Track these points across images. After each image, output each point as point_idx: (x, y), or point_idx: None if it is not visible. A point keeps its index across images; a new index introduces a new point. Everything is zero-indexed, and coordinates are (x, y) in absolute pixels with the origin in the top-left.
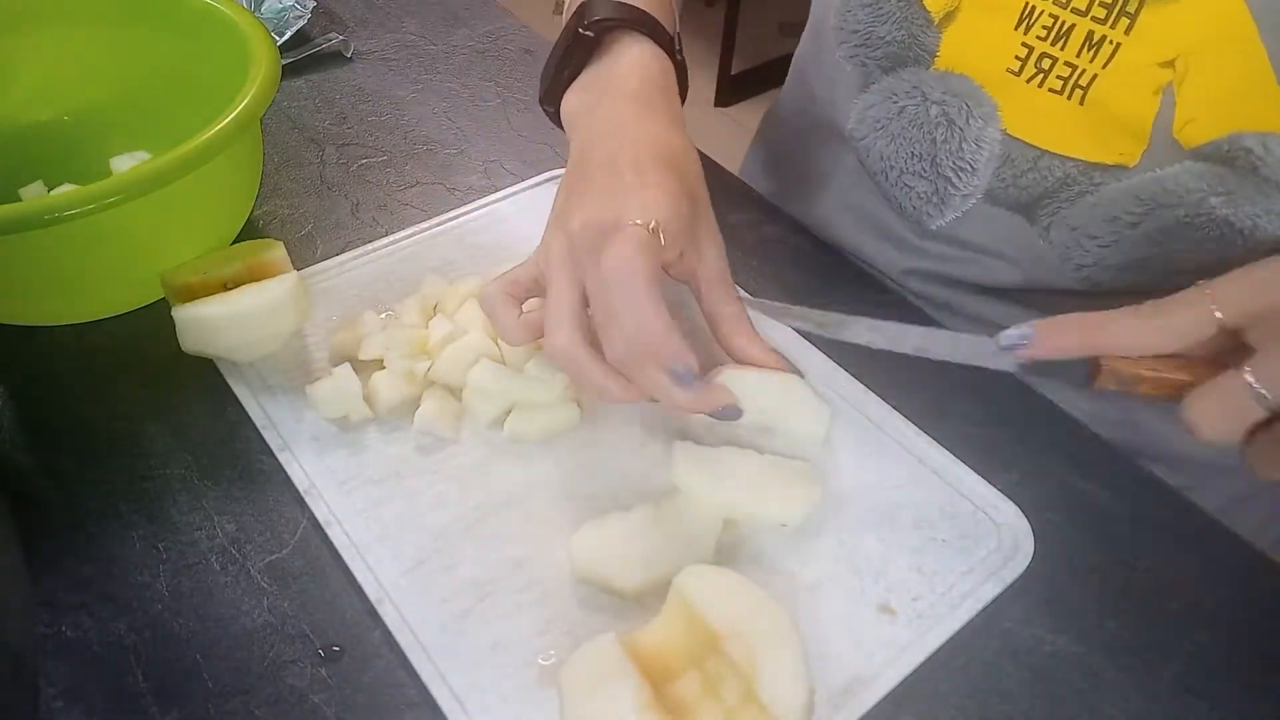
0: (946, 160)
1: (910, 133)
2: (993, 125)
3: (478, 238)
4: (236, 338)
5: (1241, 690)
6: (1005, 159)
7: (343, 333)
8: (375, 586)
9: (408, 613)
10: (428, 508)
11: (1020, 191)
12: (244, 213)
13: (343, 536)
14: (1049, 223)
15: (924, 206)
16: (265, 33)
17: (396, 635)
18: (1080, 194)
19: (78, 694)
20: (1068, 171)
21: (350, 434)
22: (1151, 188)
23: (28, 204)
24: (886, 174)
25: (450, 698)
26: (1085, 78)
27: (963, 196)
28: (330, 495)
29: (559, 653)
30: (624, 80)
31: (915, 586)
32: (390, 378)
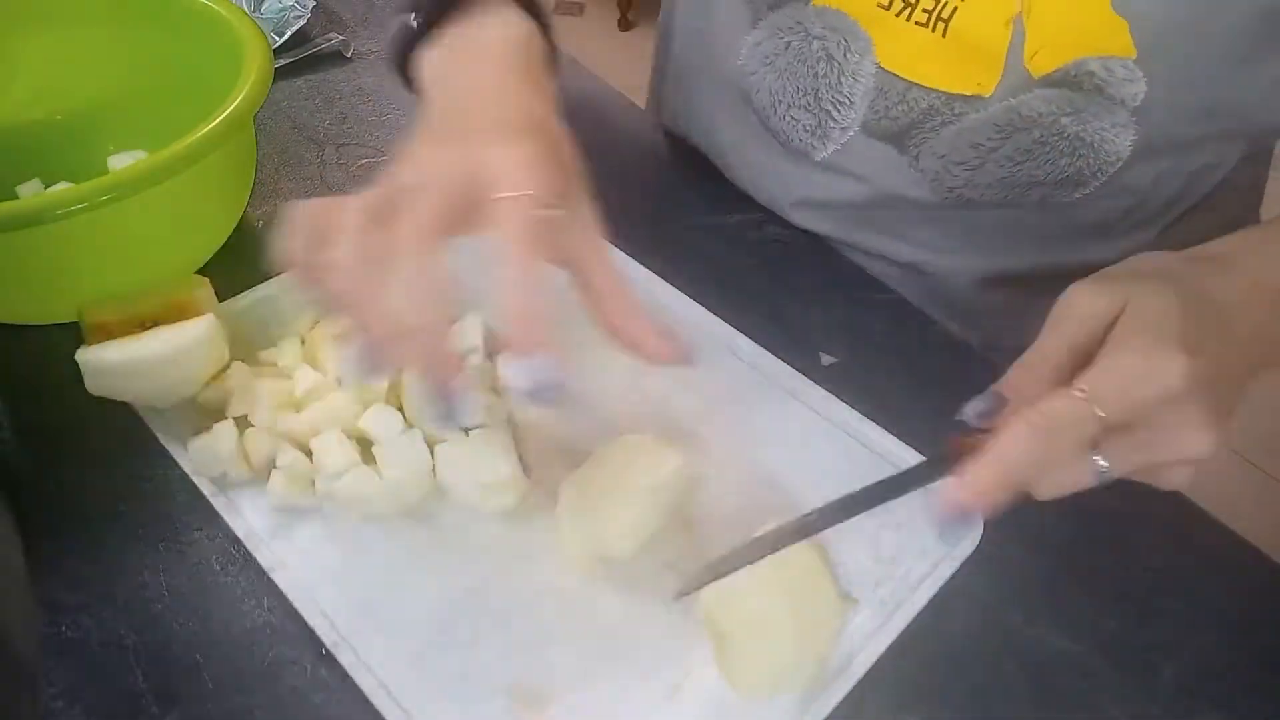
0: (827, 94)
1: (795, 67)
2: (868, 59)
3: None
4: (146, 384)
5: (1241, 690)
6: (879, 92)
7: (212, 388)
8: (329, 630)
9: (364, 653)
10: (371, 545)
11: (891, 123)
12: (238, 210)
13: (288, 581)
14: (917, 152)
15: (809, 139)
16: (259, 32)
17: (356, 678)
18: (943, 124)
19: (78, 694)
20: (931, 103)
21: None
22: (1008, 115)
23: (24, 202)
24: (775, 108)
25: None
26: (947, 10)
27: (841, 129)
28: (272, 540)
29: (527, 678)
30: (495, 49)
31: (876, 573)
32: (257, 435)
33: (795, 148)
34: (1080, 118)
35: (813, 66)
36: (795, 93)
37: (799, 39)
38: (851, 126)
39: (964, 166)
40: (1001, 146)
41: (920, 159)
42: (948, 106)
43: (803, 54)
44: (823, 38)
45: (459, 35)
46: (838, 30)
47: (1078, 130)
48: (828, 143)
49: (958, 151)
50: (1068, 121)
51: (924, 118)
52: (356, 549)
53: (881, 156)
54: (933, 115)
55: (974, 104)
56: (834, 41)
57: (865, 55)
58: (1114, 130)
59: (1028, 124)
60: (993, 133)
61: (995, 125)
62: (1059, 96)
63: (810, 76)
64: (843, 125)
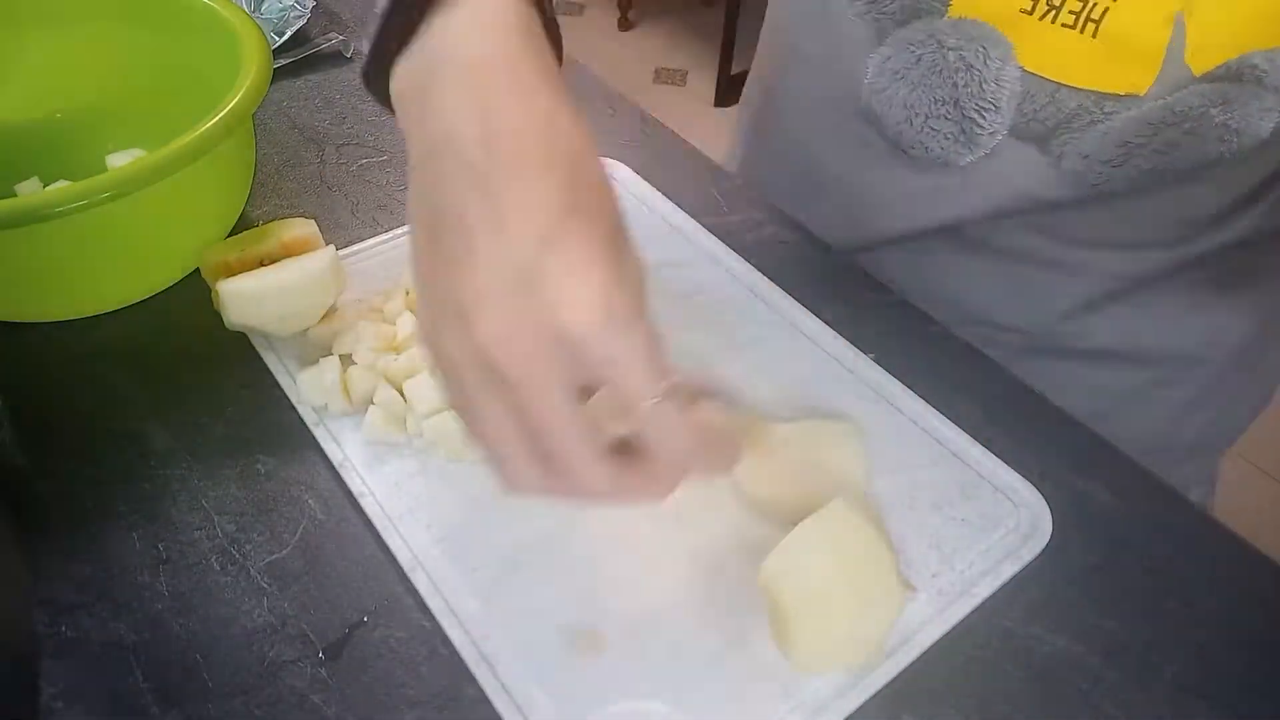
0: (969, 102)
1: (930, 79)
2: (1011, 64)
3: None
4: (279, 311)
5: (1241, 690)
6: (1026, 95)
7: (321, 325)
8: (408, 555)
9: (439, 580)
10: (456, 482)
11: (1040, 125)
12: (237, 208)
13: (376, 507)
14: (1060, 153)
15: (951, 147)
16: (258, 30)
17: (429, 602)
18: (1092, 123)
19: (78, 694)
20: (1081, 102)
21: None
22: (1160, 113)
23: (22, 200)
24: (911, 121)
25: (481, 662)
26: (1097, 11)
27: (989, 134)
28: (362, 468)
29: (587, 622)
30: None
31: (934, 564)
32: (360, 373)
33: (935, 157)
34: (1229, 107)
35: (950, 77)
36: (933, 103)
37: (931, 51)
38: (1000, 131)
39: (1109, 164)
40: (1150, 142)
41: (1063, 160)
42: (1098, 106)
43: (937, 65)
44: (959, 48)
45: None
46: (975, 39)
47: (1225, 119)
48: (975, 148)
49: (1104, 151)
50: (1216, 112)
51: (1071, 118)
52: (440, 485)
53: (1024, 156)
54: (1081, 115)
55: (1126, 103)
56: (971, 50)
57: (1007, 61)
58: (1260, 114)
59: (1179, 119)
60: (1144, 129)
61: (1147, 122)
62: (1213, 90)
63: (949, 86)
64: (990, 130)
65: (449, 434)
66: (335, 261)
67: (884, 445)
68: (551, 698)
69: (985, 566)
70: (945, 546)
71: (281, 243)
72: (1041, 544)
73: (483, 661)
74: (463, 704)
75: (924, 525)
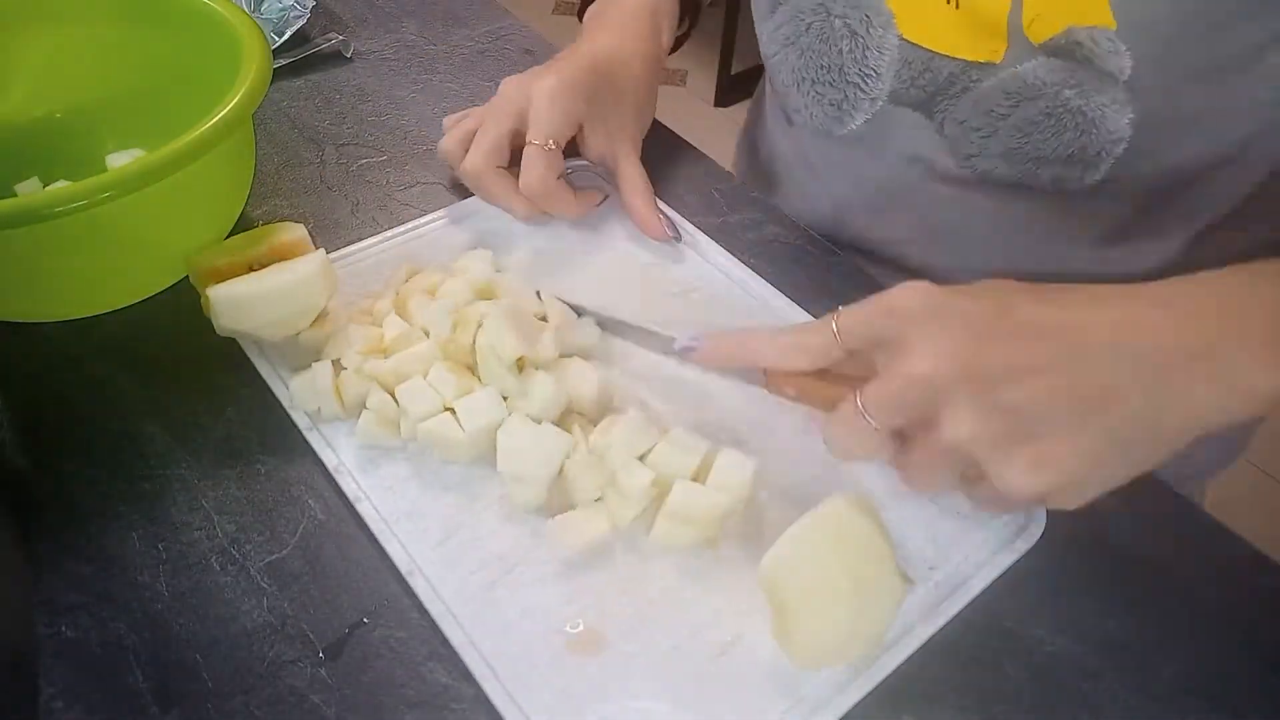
0: (853, 68)
1: (817, 46)
2: (891, 32)
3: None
4: (270, 315)
5: (1241, 690)
6: (904, 62)
7: (313, 329)
8: (406, 559)
9: (438, 583)
10: (451, 484)
11: (919, 91)
12: (237, 208)
13: (372, 511)
14: (942, 118)
15: (834, 113)
16: (258, 30)
17: (427, 605)
18: (963, 90)
19: (78, 694)
20: (951, 70)
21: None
22: (1016, 82)
23: (22, 199)
24: (798, 84)
25: (481, 663)
26: None
27: (870, 100)
28: (357, 472)
29: (585, 622)
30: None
31: (931, 556)
32: (351, 377)
33: (817, 124)
34: (1082, 91)
35: (835, 44)
36: (819, 69)
37: (820, 19)
38: (880, 97)
39: (980, 133)
40: (1011, 114)
41: (945, 125)
42: (965, 74)
43: (824, 33)
44: (844, 15)
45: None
46: (859, 7)
47: (1080, 104)
48: (856, 114)
49: (975, 118)
50: (1070, 94)
51: (947, 84)
52: (435, 488)
53: (911, 121)
54: (954, 82)
55: (987, 70)
56: (856, 18)
57: (888, 29)
58: (1113, 106)
59: (1034, 93)
60: (1003, 99)
61: (1005, 92)
62: (1060, 67)
63: (834, 54)
64: (871, 96)
65: (443, 437)
66: (326, 265)
67: None
68: (552, 698)
69: (981, 559)
70: (941, 539)
71: (272, 247)
72: (1036, 534)
73: (483, 663)
74: (463, 704)
75: (919, 518)
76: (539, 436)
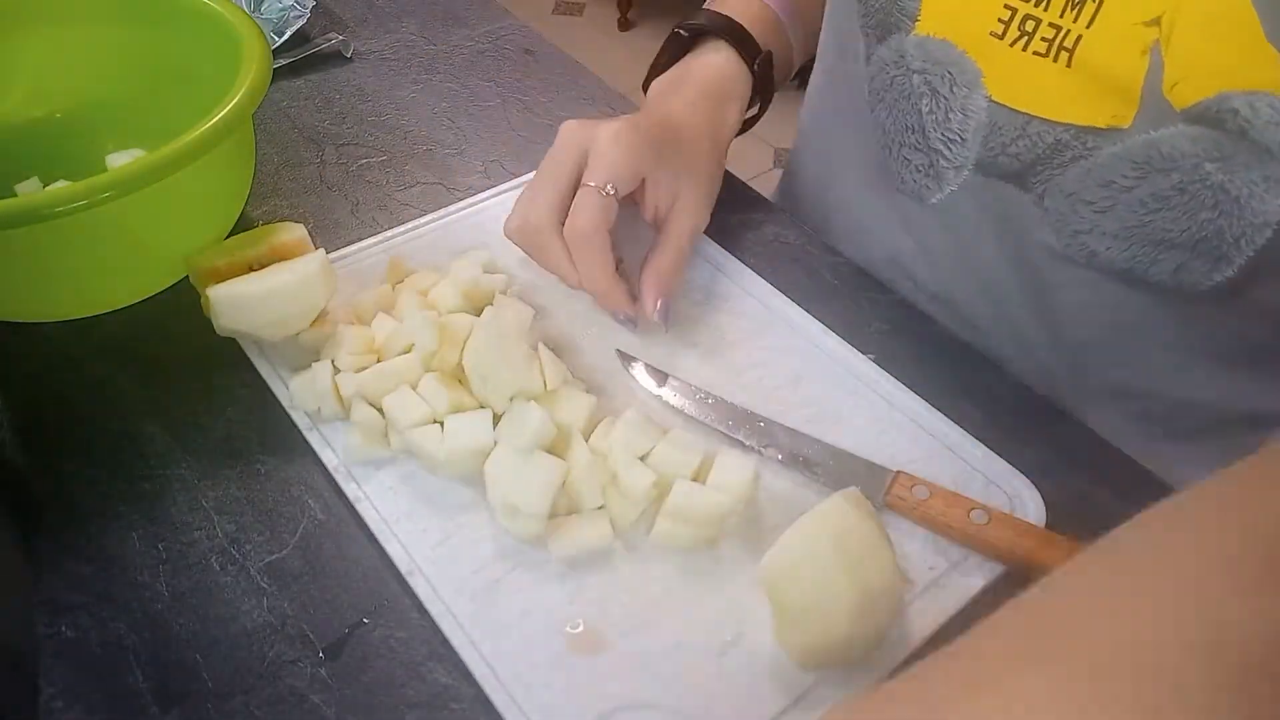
0: (935, 131)
1: (901, 104)
2: (978, 92)
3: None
4: (269, 315)
5: None
6: (993, 127)
7: (312, 329)
8: (406, 559)
9: (438, 583)
10: (451, 484)
11: (1011, 159)
12: (238, 208)
13: (372, 511)
14: (1043, 189)
15: (922, 180)
16: (258, 30)
17: (427, 605)
18: (1074, 159)
19: (78, 694)
20: (1059, 137)
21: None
22: (1147, 151)
23: (22, 199)
24: (889, 147)
25: (481, 663)
26: (1070, 39)
27: (955, 169)
28: (358, 473)
29: (585, 622)
30: (695, 77)
31: (930, 556)
32: (344, 378)
33: (910, 190)
34: (1227, 165)
35: (916, 103)
36: (905, 131)
37: (900, 74)
38: (965, 165)
39: (1093, 207)
40: (1136, 187)
41: (1046, 197)
42: (1078, 140)
43: (905, 90)
44: (923, 71)
45: (679, 69)
46: (941, 63)
47: (1222, 179)
48: (942, 183)
49: (1087, 190)
50: (1212, 168)
51: (1051, 153)
52: (435, 488)
53: (1004, 194)
54: (1061, 150)
55: (1110, 137)
56: (937, 75)
57: (974, 89)
58: (1264, 184)
59: (1168, 164)
60: (1128, 169)
61: (1132, 161)
62: (1205, 137)
63: (915, 113)
64: (955, 164)
65: (426, 451)
66: (326, 265)
67: (876, 439)
68: (552, 698)
69: (980, 558)
70: (941, 540)
71: (272, 247)
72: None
73: (483, 663)
74: (463, 704)
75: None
76: (529, 469)
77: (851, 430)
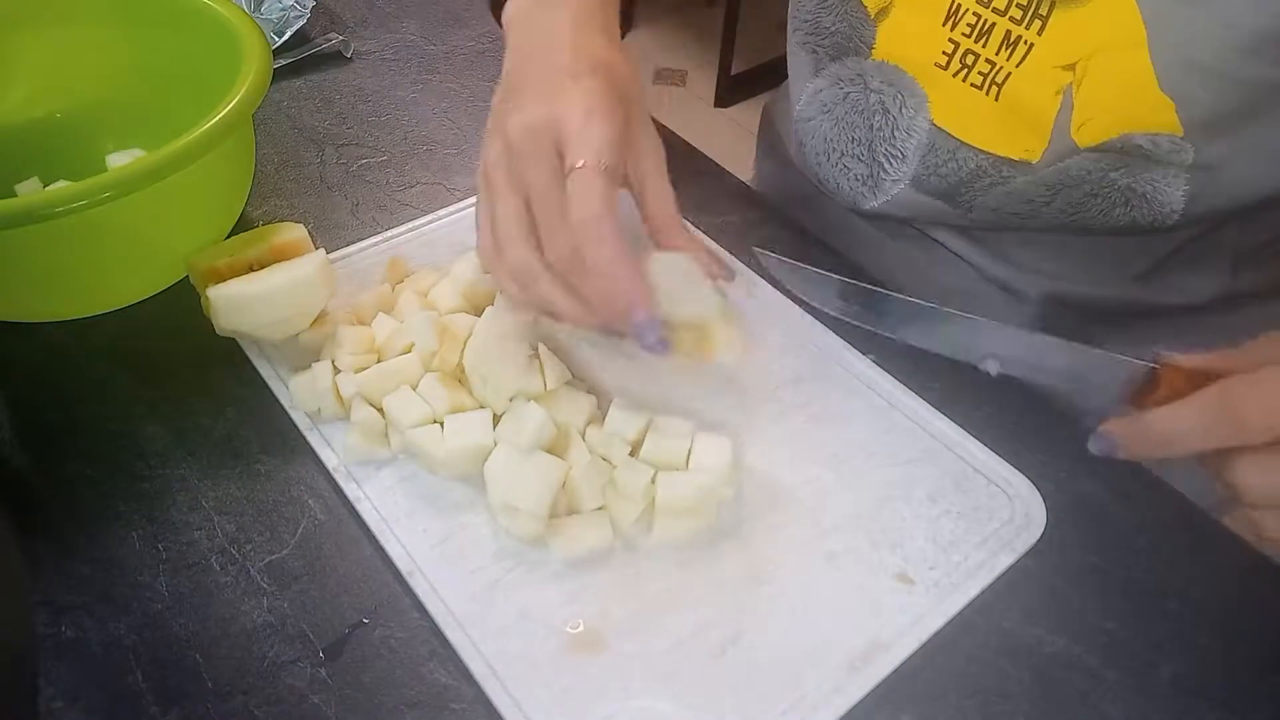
0: (880, 146)
1: (851, 118)
2: (922, 115)
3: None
4: (270, 315)
5: (1241, 690)
6: (930, 147)
7: (313, 330)
8: (406, 559)
9: (438, 583)
10: (451, 484)
11: (940, 180)
12: (238, 208)
13: (372, 511)
14: (969, 205)
15: (859, 189)
16: (258, 30)
17: (427, 604)
18: (991, 185)
19: (78, 694)
20: (980, 164)
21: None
22: (1055, 176)
23: (22, 199)
24: (828, 155)
25: (482, 664)
26: (1001, 75)
27: (892, 181)
28: (358, 473)
29: (585, 622)
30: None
31: (931, 556)
32: (344, 379)
33: (844, 197)
34: (1129, 170)
35: (869, 118)
36: (849, 142)
37: (858, 90)
38: (902, 180)
39: (1017, 217)
40: (1053, 201)
41: (973, 211)
42: (995, 169)
43: (859, 105)
44: (880, 91)
45: None
46: (895, 85)
47: (1128, 182)
48: (878, 193)
49: (1009, 205)
50: (1116, 175)
51: (972, 178)
52: (436, 488)
53: (933, 208)
54: (981, 176)
55: (1021, 168)
56: (890, 95)
57: (920, 111)
58: (1165, 181)
59: (1076, 181)
60: (1043, 190)
61: (1045, 185)
62: (1105, 157)
63: (865, 128)
64: (894, 178)
65: (426, 450)
66: (325, 265)
67: (877, 439)
68: (552, 698)
69: (981, 559)
70: (942, 539)
71: (272, 247)
72: (1036, 535)
73: (483, 662)
74: (462, 704)
75: (920, 517)
76: (529, 469)
77: (851, 430)
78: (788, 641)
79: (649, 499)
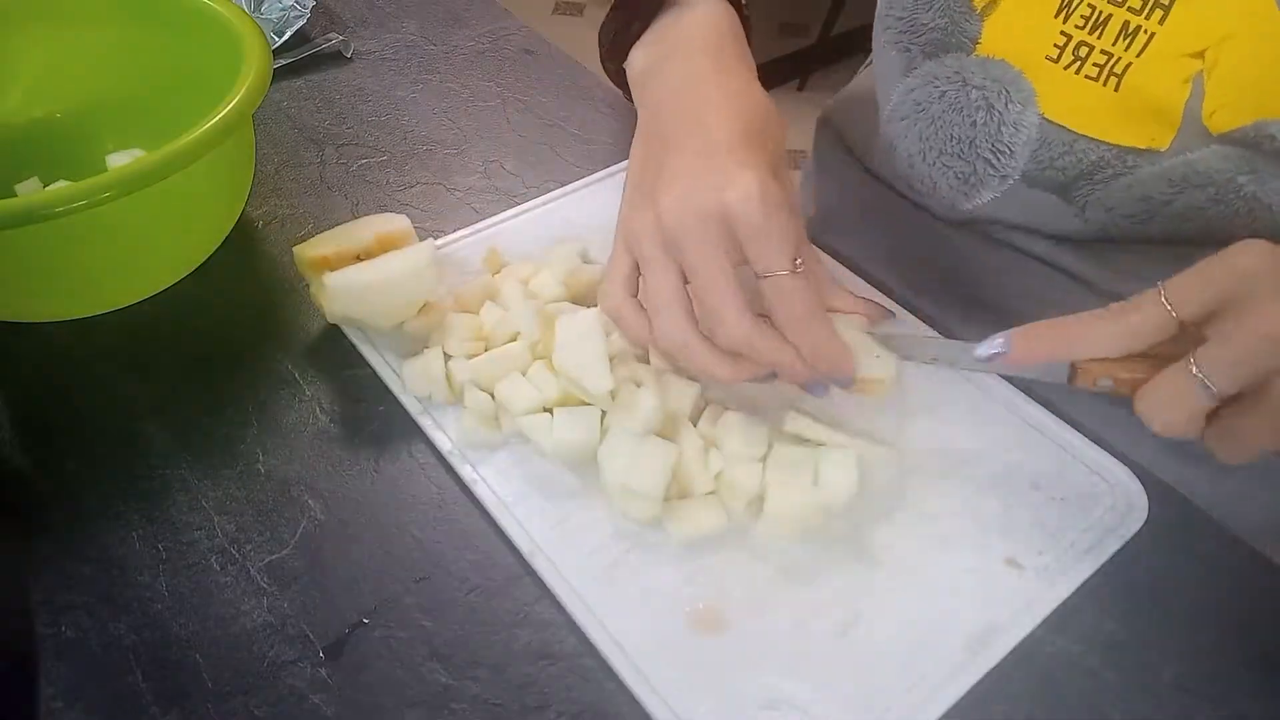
0: (984, 143)
1: (949, 116)
2: (1031, 110)
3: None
4: (384, 303)
5: (1241, 690)
6: (1042, 142)
7: (418, 318)
8: (526, 539)
9: (560, 563)
10: (561, 469)
11: (1056, 173)
12: (238, 208)
13: (489, 494)
14: (1084, 203)
15: (959, 188)
16: (258, 30)
17: (551, 585)
18: (1114, 176)
19: (78, 694)
20: (1102, 155)
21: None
22: (1182, 169)
23: (22, 199)
24: (924, 155)
25: (609, 641)
26: (1120, 65)
27: (1000, 178)
28: (472, 456)
29: (705, 602)
30: (695, 33)
31: (1039, 542)
32: (457, 364)
33: (941, 198)
34: (1258, 177)
35: (970, 115)
36: (948, 140)
37: (955, 88)
38: (1012, 175)
39: (1131, 220)
40: (1173, 201)
41: (1086, 209)
42: (1119, 159)
43: (958, 103)
44: (983, 87)
45: (662, 28)
46: (999, 80)
47: (1254, 190)
48: (982, 191)
49: (1127, 204)
50: (1244, 180)
51: (1093, 169)
52: (550, 472)
53: (1044, 206)
54: (1103, 167)
55: (1148, 157)
56: (994, 91)
57: (1028, 106)
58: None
59: (1202, 180)
60: (1165, 186)
61: (1169, 179)
62: (1237, 155)
63: (967, 125)
64: (1002, 174)
65: (536, 439)
66: (434, 253)
67: (978, 430)
68: (679, 674)
69: (1089, 543)
70: (1049, 525)
71: (377, 237)
72: (1139, 521)
73: (608, 639)
74: (463, 704)
75: (1025, 504)
76: (642, 452)
77: (950, 419)
78: (905, 622)
79: (758, 497)
